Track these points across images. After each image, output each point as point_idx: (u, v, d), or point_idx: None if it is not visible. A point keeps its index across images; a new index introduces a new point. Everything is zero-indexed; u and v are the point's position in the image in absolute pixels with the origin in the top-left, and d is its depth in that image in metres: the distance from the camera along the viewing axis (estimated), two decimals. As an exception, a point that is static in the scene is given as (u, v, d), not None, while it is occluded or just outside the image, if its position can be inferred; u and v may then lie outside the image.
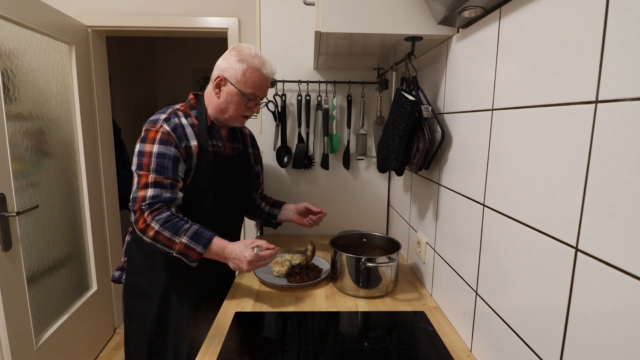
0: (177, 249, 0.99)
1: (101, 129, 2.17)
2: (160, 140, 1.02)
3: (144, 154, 1.02)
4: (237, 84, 1.07)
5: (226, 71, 1.08)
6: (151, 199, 0.99)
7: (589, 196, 0.49)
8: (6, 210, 1.41)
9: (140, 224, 0.99)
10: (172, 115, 1.08)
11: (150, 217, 0.98)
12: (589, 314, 0.49)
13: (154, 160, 1.01)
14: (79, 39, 1.96)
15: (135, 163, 1.03)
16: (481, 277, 0.80)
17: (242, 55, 1.07)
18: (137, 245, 1.15)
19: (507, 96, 0.70)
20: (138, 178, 1.01)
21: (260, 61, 1.08)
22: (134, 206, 1.00)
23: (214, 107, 1.12)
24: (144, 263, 1.14)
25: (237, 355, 0.85)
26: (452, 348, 0.88)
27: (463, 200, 0.89)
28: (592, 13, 0.49)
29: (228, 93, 1.09)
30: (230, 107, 1.10)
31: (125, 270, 1.19)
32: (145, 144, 1.03)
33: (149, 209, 0.99)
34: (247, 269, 0.99)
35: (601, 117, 0.47)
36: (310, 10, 1.53)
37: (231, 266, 1.02)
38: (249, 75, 1.07)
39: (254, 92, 1.09)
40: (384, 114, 1.53)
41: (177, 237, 0.98)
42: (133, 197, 1.01)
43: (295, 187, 1.70)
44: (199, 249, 0.99)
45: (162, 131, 1.03)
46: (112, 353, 2.18)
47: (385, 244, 1.27)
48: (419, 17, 0.92)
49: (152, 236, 0.99)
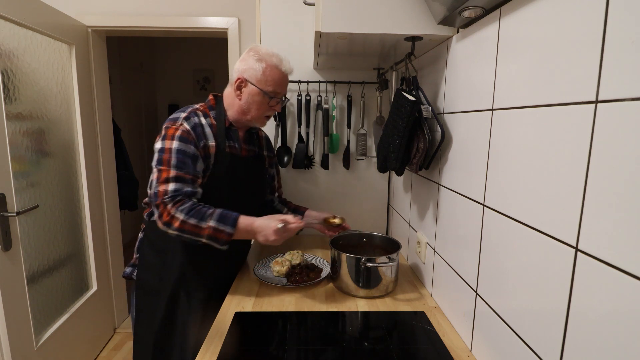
0: (205, 234, 0.99)
1: (101, 129, 2.17)
2: (180, 138, 1.03)
3: (164, 150, 1.02)
4: (257, 83, 1.09)
5: (246, 72, 1.09)
6: (173, 192, 0.99)
7: (589, 196, 0.49)
8: (6, 210, 1.41)
9: (164, 217, 0.99)
10: (192, 114, 1.09)
11: (174, 209, 0.98)
12: (589, 314, 0.49)
13: (174, 157, 1.01)
14: (79, 39, 1.96)
15: (155, 159, 1.03)
16: (481, 277, 0.80)
17: (260, 55, 1.09)
18: (150, 243, 1.16)
19: (507, 96, 0.70)
20: (158, 173, 1.01)
21: (278, 59, 1.10)
22: (155, 201, 1.00)
23: (236, 109, 1.13)
24: (156, 261, 1.14)
25: (237, 355, 0.85)
26: (452, 348, 0.88)
27: (463, 200, 0.89)
28: (592, 13, 0.49)
29: (249, 93, 1.10)
30: (253, 108, 1.11)
31: (136, 266, 1.20)
32: (165, 141, 1.03)
33: (171, 201, 0.99)
34: (273, 238, 1.01)
35: (601, 117, 0.47)
36: (310, 10, 1.53)
37: (260, 239, 1.03)
38: (268, 74, 1.09)
39: (274, 89, 1.11)
40: (384, 114, 1.53)
41: (204, 223, 0.99)
42: (154, 192, 1.00)
43: (295, 187, 1.70)
44: (228, 229, 1.00)
45: (182, 129, 1.04)
46: (112, 353, 2.18)
47: (385, 244, 1.27)
48: (419, 17, 0.92)
49: (178, 227, 0.98)
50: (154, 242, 1.15)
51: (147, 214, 1.19)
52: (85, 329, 2.00)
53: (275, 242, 1.03)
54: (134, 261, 1.22)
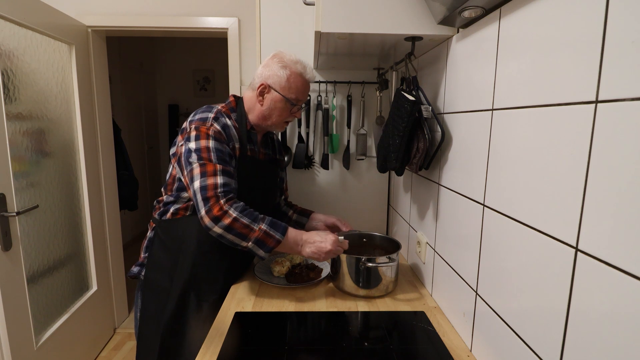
0: (255, 236, 0.97)
1: (101, 129, 2.17)
2: (215, 137, 1.03)
3: (202, 149, 1.01)
4: (281, 90, 1.09)
5: (269, 78, 1.09)
6: (224, 187, 0.97)
7: (589, 196, 0.49)
8: (6, 210, 1.41)
9: (215, 211, 0.95)
10: (219, 115, 1.08)
11: (228, 205, 0.96)
12: (589, 314, 0.49)
13: (214, 154, 1.01)
14: (79, 39, 1.96)
15: (194, 157, 1.00)
16: (481, 277, 0.80)
17: (284, 62, 1.09)
18: (161, 242, 1.14)
19: (507, 96, 0.70)
20: (202, 168, 0.99)
21: (302, 66, 1.11)
22: (204, 194, 0.96)
23: (257, 114, 1.13)
24: (166, 261, 1.13)
25: (237, 355, 0.85)
26: (452, 348, 0.88)
27: (463, 200, 0.89)
28: (592, 13, 0.49)
29: (272, 100, 1.10)
30: (275, 114, 1.12)
31: (144, 266, 1.19)
32: (201, 140, 1.02)
33: (224, 196, 0.97)
34: (330, 248, 1.02)
35: (601, 117, 0.47)
36: (310, 10, 1.53)
37: (307, 251, 1.02)
38: (292, 81, 1.09)
39: (297, 97, 1.11)
40: (384, 114, 1.52)
41: (255, 224, 0.97)
42: (202, 185, 0.97)
43: (295, 187, 1.70)
44: (278, 235, 0.99)
45: (213, 129, 1.04)
46: (112, 353, 2.18)
47: (385, 244, 1.27)
48: (419, 17, 0.92)
49: (228, 224, 0.95)
50: (165, 242, 1.14)
51: (159, 213, 1.17)
52: (85, 329, 2.00)
53: (325, 256, 1.03)
54: (142, 260, 1.20)
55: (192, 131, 1.04)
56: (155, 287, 1.15)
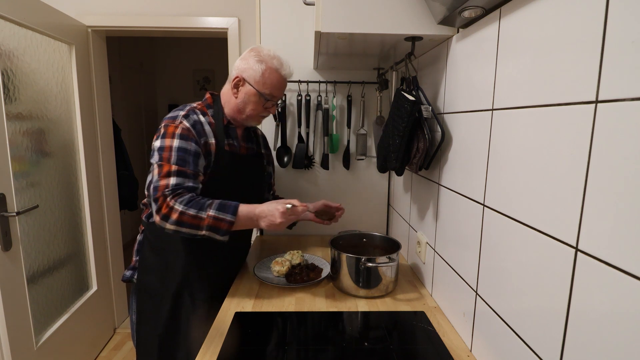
0: (205, 224, 0.97)
1: (101, 129, 2.17)
2: (181, 136, 1.02)
3: (165, 148, 1.01)
4: (255, 84, 1.08)
5: (245, 72, 1.09)
6: (174, 186, 0.98)
7: (589, 196, 0.49)
8: (6, 210, 1.41)
9: (163, 209, 0.96)
10: (190, 112, 1.08)
11: (173, 201, 0.96)
12: (589, 314, 0.49)
13: (174, 154, 1.00)
14: (79, 39, 1.96)
15: (156, 157, 1.02)
16: (481, 277, 0.80)
17: (261, 56, 1.08)
18: (150, 244, 1.15)
19: (507, 96, 0.70)
20: (159, 168, 1.00)
21: (279, 62, 1.09)
22: (155, 194, 0.97)
23: (232, 107, 1.13)
24: (157, 262, 1.13)
25: (237, 355, 0.85)
26: (452, 348, 0.88)
27: (463, 200, 0.89)
28: (592, 13, 0.49)
29: (246, 93, 1.10)
30: (248, 107, 1.11)
31: (137, 269, 1.19)
32: (165, 139, 1.02)
33: (171, 194, 0.97)
34: (280, 220, 0.99)
35: (601, 117, 0.47)
36: (310, 10, 1.53)
37: (263, 225, 1.01)
38: (267, 76, 1.08)
39: (272, 92, 1.10)
40: (384, 114, 1.53)
41: (203, 212, 0.97)
42: (154, 186, 0.98)
43: (295, 187, 1.70)
44: (229, 217, 0.98)
45: (182, 127, 1.03)
46: (112, 353, 2.18)
47: (385, 244, 1.27)
48: (419, 17, 0.92)
49: (176, 219, 0.95)
50: (154, 243, 1.14)
51: (146, 216, 1.18)
52: (85, 329, 2.00)
53: (280, 227, 1.00)
54: (133, 264, 1.20)
55: (161, 129, 1.05)
56: (150, 290, 1.15)
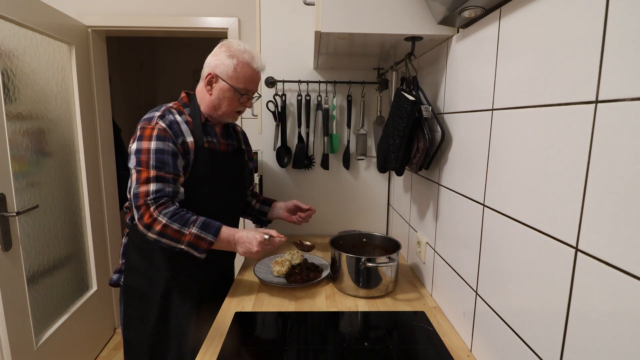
0: (186, 240, 0.98)
1: (101, 129, 2.17)
2: (157, 137, 1.01)
3: (142, 151, 1.01)
4: (228, 79, 1.08)
5: (217, 68, 1.08)
6: (155, 193, 0.98)
7: (589, 196, 0.49)
8: (6, 210, 1.41)
9: (146, 218, 0.97)
10: (166, 113, 1.07)
11: (157, 212, 0.97)
12: (589, 314, 0.49)
13: (152, 157, 1.00)
14: (79, 39, 1.96)
15: (133, 160, 1.01)
16: (481, 277, 0.80)
17: (231, 51, 1.07)
18: (135, 246, 1.14)
19: (507, 96, 0.70)
20: (137, 174, 1.00)
21: (250, 56, 1.09)
22: (137, 202, 0.98)
23: (207, 104, 1.12)
24: (143, 264, 1.13)
25: (237, 355, 0.85)
26: (452, 348, 0.88)
27: (463, 200, 0.89)
28: (592, 13, 0.49)
29: (220, 89, 1.09)
30: (224, 103, 1.10)
31: (123, 272, 1.18)
32: (142, 142, 1.01)
33: (154, 203, 0.97)
34: (257, 249, 1.00)
35: (601, 117, 0.47)
36: (310, 10, 1.53)
37: (240, 251, 1.02)
38: (240, 70, 1.07)
39: (245, 86, 1.10)
40: (384, 114, 1.53)
41: (186, 229, 0.98)
42: (134, 193, 0.99)
43: (295, 187, 1.70)
44: (210, 237, 1.00)
45: (158, 128, 1.02)
46: (112, 353, 2.18)
47: (385, 244, 1.27)
48: (419, 17, 0.92)
49: (159, 230, 0.97)
50: (139, 245, 1.12)
51: (130, 218, 1.15)
52: (85, 329, 2.00)
53: (255, 255, 1.02)
54: (119, 267, 1.19)
55: (137, 131, 1.04)
56: (137, 292, 1.14)
